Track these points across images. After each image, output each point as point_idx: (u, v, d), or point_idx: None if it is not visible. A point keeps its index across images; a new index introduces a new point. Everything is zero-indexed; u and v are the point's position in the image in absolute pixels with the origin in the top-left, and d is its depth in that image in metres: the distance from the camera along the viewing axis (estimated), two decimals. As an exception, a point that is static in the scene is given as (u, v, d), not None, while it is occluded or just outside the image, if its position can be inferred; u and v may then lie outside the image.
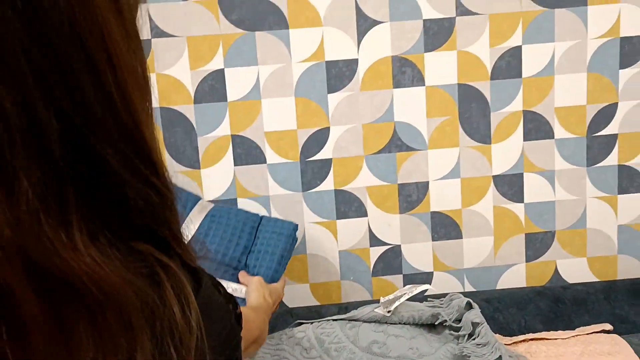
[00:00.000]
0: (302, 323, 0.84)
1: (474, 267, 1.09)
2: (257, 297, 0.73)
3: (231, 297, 0.38)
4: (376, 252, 1.07)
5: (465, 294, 1.01)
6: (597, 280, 1.09)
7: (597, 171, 1.07)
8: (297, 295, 1.07)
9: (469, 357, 0.76)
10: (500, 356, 0.77)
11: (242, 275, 0.80)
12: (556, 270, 1.10)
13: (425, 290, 0.82)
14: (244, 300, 0.78)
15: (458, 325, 0.80)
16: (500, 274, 1.10)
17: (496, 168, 1.06)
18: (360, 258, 1.07)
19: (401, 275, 1.09)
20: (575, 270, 1.10)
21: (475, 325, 0.79)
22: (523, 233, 1.09)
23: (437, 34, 1.01)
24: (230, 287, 0.79)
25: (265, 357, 0.77)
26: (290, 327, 0.83)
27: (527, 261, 1.10)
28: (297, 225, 0.89)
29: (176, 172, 1.00)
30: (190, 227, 0.82)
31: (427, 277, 1.09)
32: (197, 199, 0.88)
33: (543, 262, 1.10)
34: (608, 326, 0.88)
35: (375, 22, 1.00)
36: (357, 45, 1.00)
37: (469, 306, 0.82)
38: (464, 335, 0.78)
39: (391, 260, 1.08)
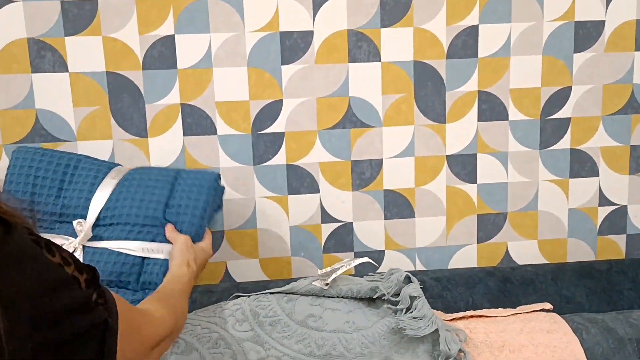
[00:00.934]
0: (240, 296, 0.82)
1: (425, 246, 1.09)
2: (178, 265, 0.70)
3: (71, 260, 0.40)
4: (328, 228, 1.07)
5: (416, 273, 1.01)
6: (547, 262, 1.10)
7: (550, 154, 1.07)
8: (247, 270, 1.06)
9: (405, 329, 0.75)
10: (436, 330, 0.76)
11: (169, 230, 0.77)
12: (507, 252, 1.11)
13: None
14: (166, 260, 0.75)
15: (396, 299, 0.79)
16: (451, 254, 1.10)
17: (450, 148, 1.06)
18: (312, 234, 1.06)
19: (352, 253, 1.08)
20: (526, 252, 1.11)
21: (413, 299, 0.78)
22: (475, 214, 1.09)
23: (393, 9, 1.00)
24: (145, 247, 0.76)
25: (195, 329, 0.75)
26: (228, 300, 0.82)
27: (478, 242, 1.10)
28: (218, 175, 0.87)
29: (121, 140, 0.97)
30: (101, 194, 0.79)
31: (378, 256, 1.08)
32: (111, 166, 0.85)
33: (494, 244, 1.10)
34: (548, 305, 0.88)
35: (332, -5, 0.98)
36: (313, 17, 0.99)
37: (407, 280, 0.81)
38: (402, 309, 0.78)
39: (343, 238, 1.07)
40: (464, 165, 1.06)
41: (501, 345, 0.79)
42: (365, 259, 0.83)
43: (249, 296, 0.81)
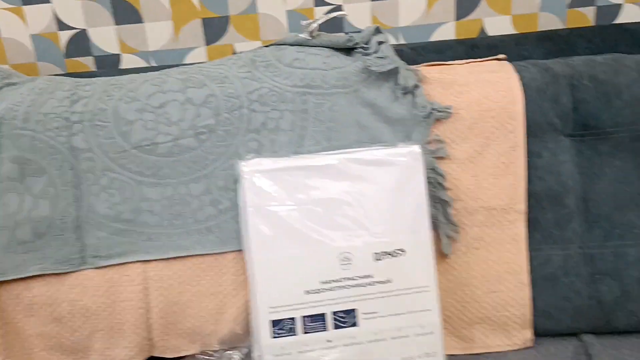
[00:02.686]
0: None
1: (408, 25, 1.23)
2: None
3: None
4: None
5: (397, 46, 1.17)
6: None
7: None
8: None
9: (370, 66, 0.94)
10: (397, 67, 0.95)
11: None
12: (482, 28, 1.24)
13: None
14: None
15: (367, 46, 0.97)
16: (430, 31, 1.24)
17: None
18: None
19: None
20: (500, 27, 1.24)
21: (380, 44, 0.96)
22: None
23: None
24: None
25: (204, 68, 0.94)
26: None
27: (456, 19, 1.23)
28: None
29: None
30: None
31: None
32: None
33: (471, 21, 1.23)
34: (502, 56, 1.03)
35: None
36: None
37: (378, 31, 0.98)
38: (370, 52, 0.96)
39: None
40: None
41: (451, 82, 0.97)
42: (343, 13, 1.00)
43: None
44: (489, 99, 0.95)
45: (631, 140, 0.94)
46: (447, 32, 1.25)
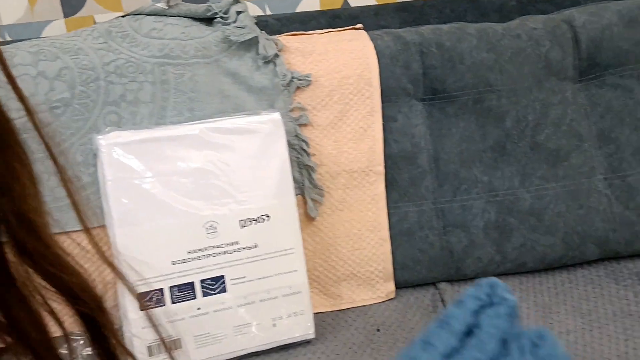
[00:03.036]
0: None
1: (274, -5, 1.25)
2: None
3: None
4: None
5: (263, 17, 1.17)
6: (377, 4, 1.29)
7: None
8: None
9: (229, 36, 0.94)
10: (256, 37, 0.96)
11: None
12: (346, 0, 1.29)
13: None
14: None
15: (226, 16, 0.97)
16: (298, 1, 1.26)
17: None
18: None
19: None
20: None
21: (238, 13, 0.96)
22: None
23: None
24: None
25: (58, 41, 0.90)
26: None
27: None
28: None
29: None
30: None
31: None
32: None
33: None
34: (359, 26, 1.08)
35: None
36: None
37: (236, 1, 0.98)
38: (230, 23, 0.96)
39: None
40: None
41: (311, 51, 1.00)
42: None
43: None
44: (346, 67, 1.00)
45: (474, 103, 1.03)
46: (312, 3, 1.27)
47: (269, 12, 1.26)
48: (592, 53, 1.05)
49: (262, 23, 1.18)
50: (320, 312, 0.99)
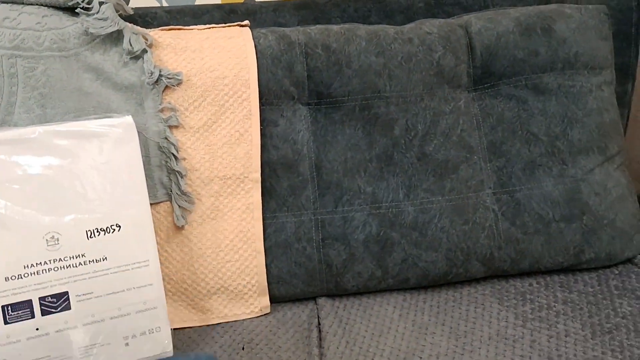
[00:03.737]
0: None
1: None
2: None
3: None
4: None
5: (159, 8, 1.10)
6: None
7: None
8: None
9: (89, 28, 0.87)
10: (121, 30, 0.88)
11: None
12: (246, -8, 1.22)
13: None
14: None
15: (90, 6, 0.89)
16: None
17: None
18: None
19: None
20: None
21: (101, 4, 0.88)
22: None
23: None
24: None
25: None
26: None
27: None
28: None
29: None
30: None
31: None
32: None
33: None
34: (245, 22, 1.01)
35: None
36: None
37: (101, -9, 0.90)
38: (92, 14, 0.88)
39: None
40: None
41: (184, 47, 0.93)
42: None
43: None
44: (222, 66, 0.93)
45: (360, 109, 0.97)
46: (211, -5, 1.20)
47: (165, 4, 1.18)
48: (486, 61, 1.00)
49: (151, 15, 1.11)
50: (188, 328, 0.93)
